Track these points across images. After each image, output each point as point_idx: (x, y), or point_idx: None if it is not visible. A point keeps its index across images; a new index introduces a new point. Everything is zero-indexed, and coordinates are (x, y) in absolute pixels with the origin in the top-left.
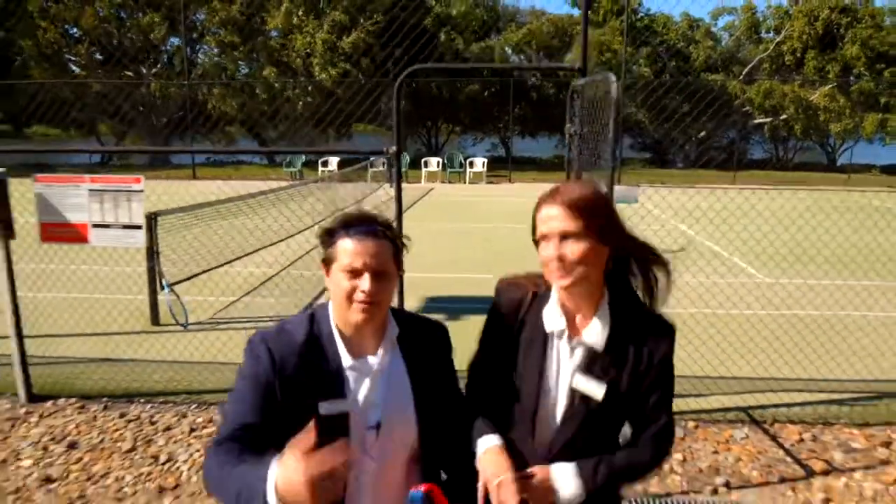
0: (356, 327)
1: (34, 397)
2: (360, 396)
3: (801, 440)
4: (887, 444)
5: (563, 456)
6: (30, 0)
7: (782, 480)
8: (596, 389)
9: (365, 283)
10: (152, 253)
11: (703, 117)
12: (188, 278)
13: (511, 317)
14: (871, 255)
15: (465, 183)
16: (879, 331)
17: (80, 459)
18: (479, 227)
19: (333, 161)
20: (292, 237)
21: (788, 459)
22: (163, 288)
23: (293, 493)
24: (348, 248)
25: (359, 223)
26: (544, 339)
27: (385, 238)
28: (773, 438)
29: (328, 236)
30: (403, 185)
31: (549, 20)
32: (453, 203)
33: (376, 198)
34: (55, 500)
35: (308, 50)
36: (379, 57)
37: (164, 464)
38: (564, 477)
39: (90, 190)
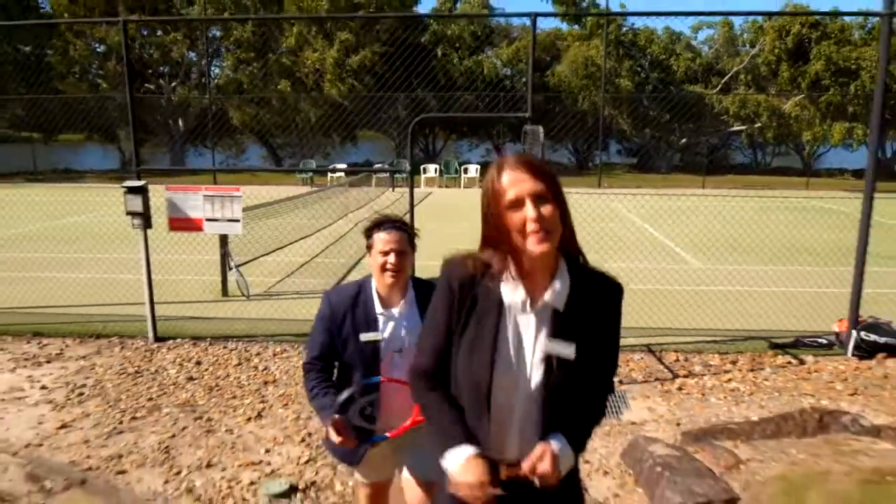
0: (388, 288)
1: (158, 338)
2: (388, 332)
3: (677, 360)
4: (734, 363)
5: (540, 419)
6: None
7: (656, 379)
8: (567, 349)
9: (392, 258)
10: (225, 240)
11: (678, 125)
12: (248, 261)
13: (464, 292)
14: (783, 247)
15: (459, 187)
16: (759, 298)
17: (207, 369)
18: (471, 226)
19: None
20: (318, 232)
21: (664, 370)
22: (230, 268)
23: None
24: (381, 238)
25: (386, 222)
26: (499, 313)
27: (402, 230)
28: (659, 359)
29: (369, 231)
30: (405, 189)
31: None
32: (449, 205)
33: (380, 202)
34: (200, 387)
35: (318, 66)
36: (387, 75)
37: (262, 371)
38: (563, 449)
39: (204, 195)
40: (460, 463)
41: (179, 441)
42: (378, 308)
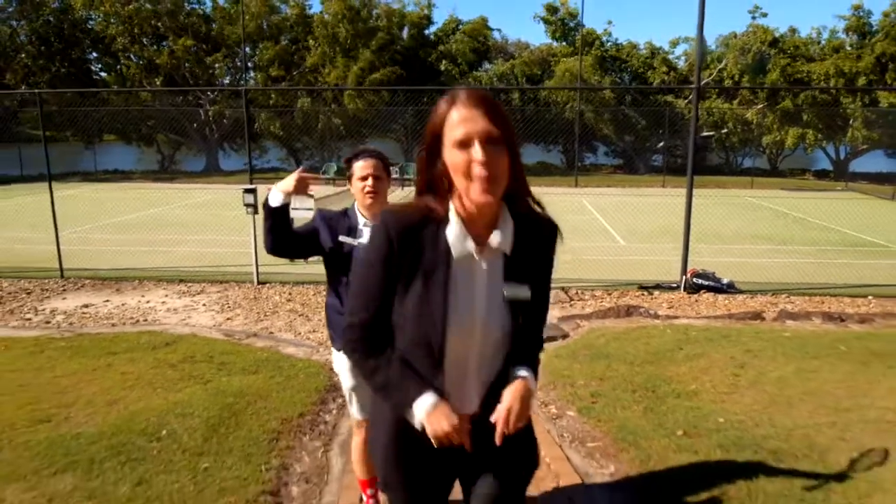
0: (369, 210)
1: (260, 282)
2: (365, 240)
3: (576, 293)
4: (610, 294)
5: (501, 364)
6: (115, 42)
7: (558, 301)
8: (523, 290)
9: (370, 182)
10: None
11: (653, 131)
12: None
13: (405, 242)
14: (698, 232)
15: None
16: (652, 263)
17: (297, 297)
18: None
19: None
20: None
21: (566, 296)
22: None
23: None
24: (359, 164)
25: (363, 152)
26: (447, 264)
27: (378, 158)
28: (565, 292)
29: (349, 161)
30: (412, 188)
31: (530, 52)
32: None
33: (392, 198)
34: (296, 304)
35: (338, 83)
36: (400, 94)
37: None
38: (531, 382)
39: None
40: (430, 412)
41: (296, 323)
42: (361, 221)
